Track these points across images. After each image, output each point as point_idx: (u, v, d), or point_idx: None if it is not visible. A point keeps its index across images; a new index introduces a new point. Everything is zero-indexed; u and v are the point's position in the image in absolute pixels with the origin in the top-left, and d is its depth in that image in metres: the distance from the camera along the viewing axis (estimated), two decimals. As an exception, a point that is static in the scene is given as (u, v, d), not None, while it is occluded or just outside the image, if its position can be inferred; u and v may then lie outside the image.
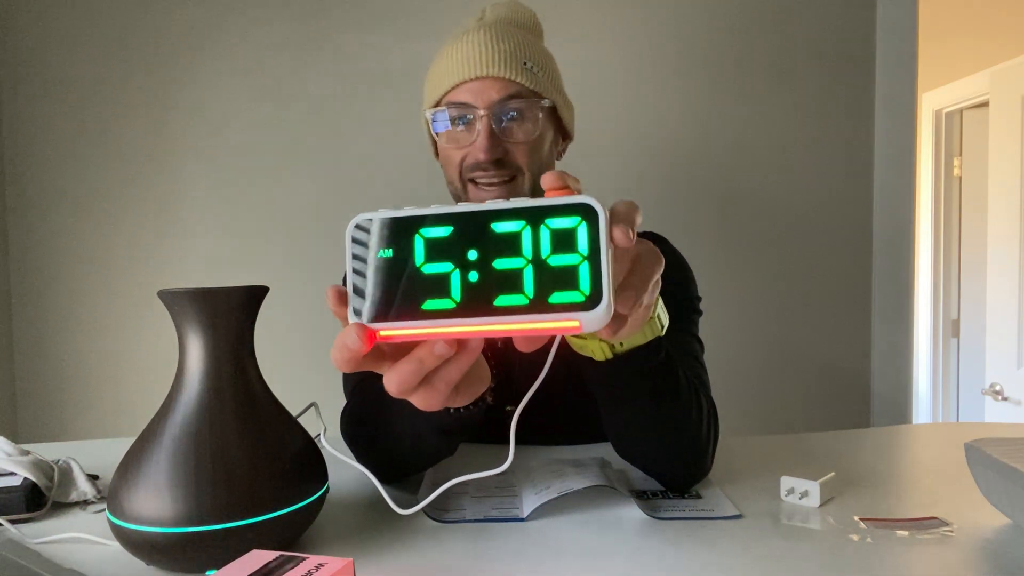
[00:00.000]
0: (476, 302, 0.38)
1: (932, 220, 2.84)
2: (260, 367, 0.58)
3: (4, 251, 1.54)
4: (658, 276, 0.44)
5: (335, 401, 0.79)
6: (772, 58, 1.54)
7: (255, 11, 1.52)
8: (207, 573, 0.50)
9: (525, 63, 0.84)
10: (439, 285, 0.39)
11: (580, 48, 1.52)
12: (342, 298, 0.40)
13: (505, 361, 0.87)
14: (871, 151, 1.56)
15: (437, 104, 0.87)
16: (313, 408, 0.67)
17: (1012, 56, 2.30)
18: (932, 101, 2.80)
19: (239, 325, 0.55)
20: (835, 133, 1.55)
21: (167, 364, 1.56)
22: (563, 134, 0.94)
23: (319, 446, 0.88)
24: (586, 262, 0.37)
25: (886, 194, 1.55)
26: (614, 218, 0.39)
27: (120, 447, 0.90)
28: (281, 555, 0.44)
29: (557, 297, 0.37)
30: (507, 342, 0.89)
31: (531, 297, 0.38)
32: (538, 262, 0.38)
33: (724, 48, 1.53)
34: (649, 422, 0.64)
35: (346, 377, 0.85)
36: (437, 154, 0.94)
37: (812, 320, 1.58)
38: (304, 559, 0.43)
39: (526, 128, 0.84)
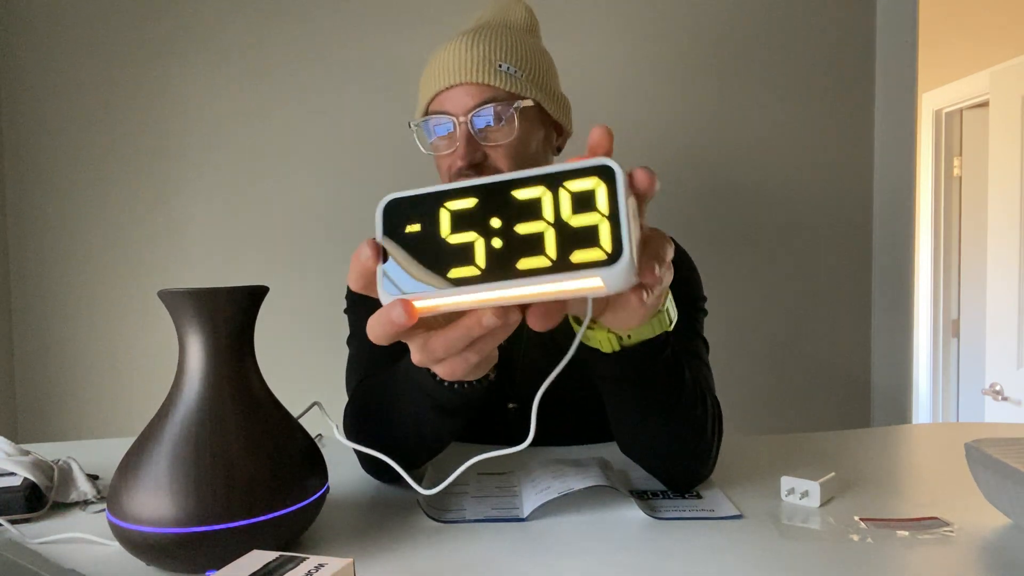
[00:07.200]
0: (500, 267, 0.39)
1: (932, 220, 2.84)
2: (260, 367, 0.58)
3: (4, 251, 1.54)
4: (670, 252, 0.44)
5: (335, 401, 0.79)
6: (772, 58, 1.54)
7: (256, 11, 1.52)
8: (207, 573, 0.50)
9: (500, 65, 0.85)
10: (464, 253, 0.40)
11: (580, 47, 1.52)
12: (376, 253, 0.41)
13: (507, 360, 0.87)
14: (871, 151, 1.56)
15: (424, 115, 0.88)
16: (317, 407, 0.67)
17: (1012, 56, 2.31)
18: (932, 101, 2.80)
19: (239, 325, 0.55)
20: (835, 133, 1.55)
21: (167, 364, 1.56)
22: (557, 130, 0.94)
23: (324, 443, 0.88)
24: (606, 220, 0.38)
25: (886, 194, 1.55)
26: (635, 173, 0.41)
27: (120, 447, 0.91)
28: (281, 555, 0.44)
29: (579, 256, 0.38)
30: (509, 341, 0.89)
31: (554, 258, 0.38)
32: (559, 224, 0.38)
33: (724, 48, 1.53)
34: (653, 419, 0.64)
35: (349, 376, 0.86)
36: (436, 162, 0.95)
37: (812, 320, 1.58)
38: (304, 559, 0.43)
39: (504, 131, 0.84)
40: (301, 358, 1.54)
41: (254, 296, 0.56)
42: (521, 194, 0.40)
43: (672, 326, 0.57)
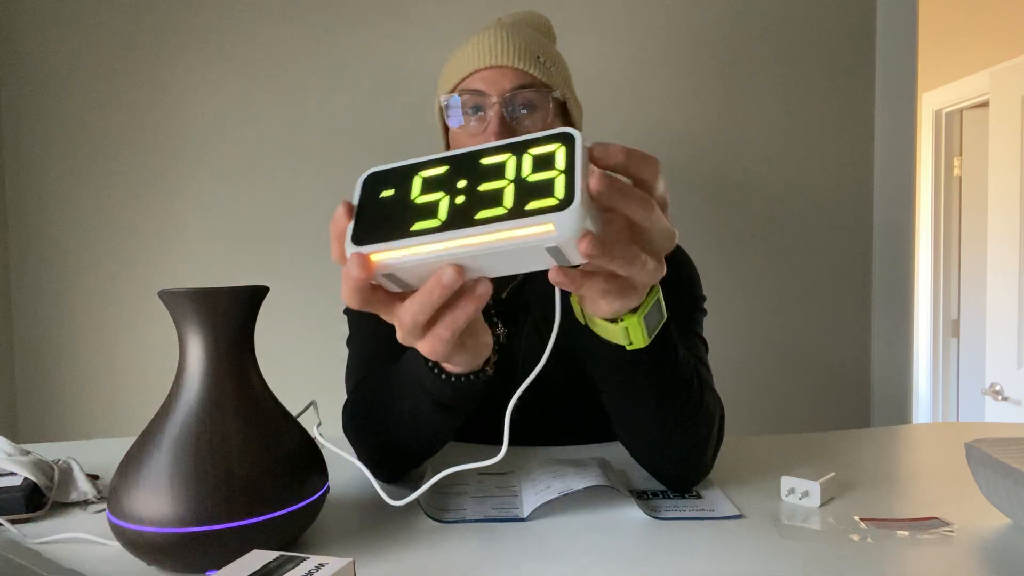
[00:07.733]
0: (459, 218, 0.41)
1: (932, 220, 2.84)
2: (260, 367, 0.58)
3: (4, 251, 1.54)
4: (625, 251, 0.43)
5: (335, 401, 0.79)
6: (772, 58, 1.54)
7: (256, 11, 1.52)
8: (207, 573, 0.50)
9: (538, 57, 0.87)
10: (428, 209, 0.42)
11: (581, 47, 1.52)
12: (348, 214, 0.43)
13: (508, 361, 0.87)
14: (871, 151, 1.56)
15: (452, 92, 0.88)
16: (313, 407, 0.67)
17: (1012, 56, 2.31)
18: (932, 101, 2.80)
19: (239, 325, 0.55)
20: (835, 133, 1.55)
21: (167, 364, 1.56)
22: None
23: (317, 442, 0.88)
24: (562, 174, 0.40)
25: (886, 194, 1.55)
26: (593, 163, 0.43)
27: (120, 447, 0.91)
28: (281, 555, 0.44)
29: (534, 204, 0.40)
30: (510, 340, 0.89)
31: (510, 207, 0.40)
32: (519, 181, 0.41)
33: (724, 49, 1.53)
34: (646, 411, 0.63)
35: (348, 377, 0.86)
36: (447, 144, 0.95)
37: (812, 320, 1.58)
38: (304, 559, 0.43)
39: (536, 119, 0.86)
40: (301, 358, 1.54)
41: (254, 296, 0.56)
42: (488, 160, 0.42)
43: (633, 346, 0.55)
